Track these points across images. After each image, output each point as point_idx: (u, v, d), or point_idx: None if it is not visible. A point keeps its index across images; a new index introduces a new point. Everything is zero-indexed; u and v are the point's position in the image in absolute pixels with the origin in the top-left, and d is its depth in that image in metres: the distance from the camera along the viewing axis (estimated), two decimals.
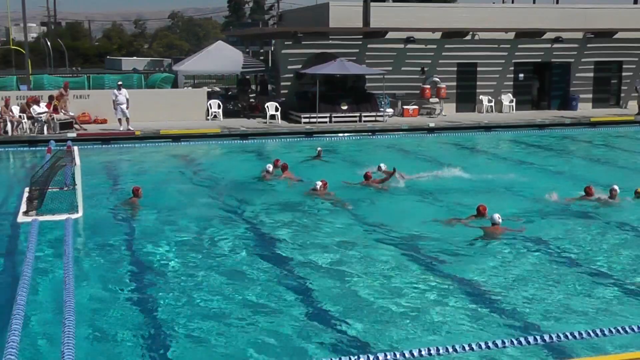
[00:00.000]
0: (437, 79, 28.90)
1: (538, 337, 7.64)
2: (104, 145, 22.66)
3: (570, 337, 7.69)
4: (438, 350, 7.15)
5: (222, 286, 9.90)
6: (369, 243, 12.02)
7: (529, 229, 12.66)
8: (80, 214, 13.08)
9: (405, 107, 28.28)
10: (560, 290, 9.79)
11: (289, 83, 28.43)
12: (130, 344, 8.16)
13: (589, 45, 31.05)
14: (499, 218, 12.17)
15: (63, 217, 12.73)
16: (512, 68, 30.53)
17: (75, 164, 14.18)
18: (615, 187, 14.46)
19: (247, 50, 35.88)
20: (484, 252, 11.59)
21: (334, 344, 8.12)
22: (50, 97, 23.99)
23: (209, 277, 10.26)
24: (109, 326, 8.53)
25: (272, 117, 26.17)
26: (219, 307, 9.18)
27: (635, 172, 18.16)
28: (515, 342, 7.47)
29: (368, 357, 6.89)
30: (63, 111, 23.75)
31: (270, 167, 17.03)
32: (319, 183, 15.15)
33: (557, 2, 36.86)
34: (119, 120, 23.79)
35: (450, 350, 7.18)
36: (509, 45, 30.15)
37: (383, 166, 16.78)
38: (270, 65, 32.20)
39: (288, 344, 8.14)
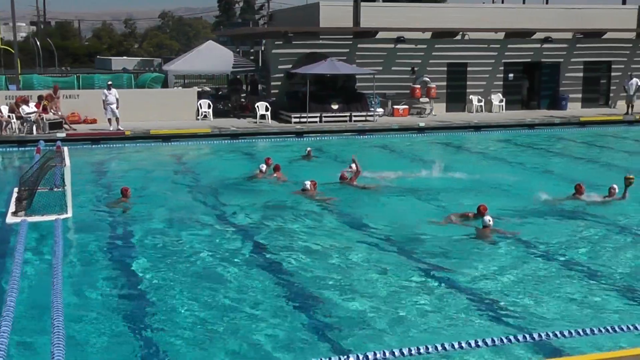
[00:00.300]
0: (427, 79, 28.96)
1: (527, 336, 7.69)
2: (93, 146, 22.56)
3: (559, 335, 7.72)
4: (427, 349, 7.17)
5: (213, 288, 9.85)
6: (358, 243, 12.00)
7: (519, 228, 12.71)
8: (69, 214, 13.03)
9: (395, 106, 28.35)
10: (554, 288, 9.83)
11: (279, 83, 28.43)
12: (120, 344, 8.15)
13: (578, 45, 31.22)
14: (489, 220, 12.21)
15: (52, 217, 12.69)
16: (502, 68, 30.64)
17: (64, 165, 14.10)
18: (615, 186, 14.56)
19: (238, 50, 35.90)
20: (474, 252, 11.56)
21: (327, 345, 8.12)
22: (40, 97, 23.87)
23: (201, 278, 10.22)
24: (97, 327, 8.49)
25: (263, 117, 26.16)
26: (211, 307, 9.15)
27: (625, 171, 18.22)
28: (505, 340, 7.49)
29: (357, 357, 6.90)
30: (52, 111, 23.64)
31: (263, 166, 17.01)
32: (308, 183, 15.15)
33: (547, 2, 37.03)
34: (109, 120, 23.70)
35: (440, 348, 7.19)
36: (498, 45, 30.26)
37: (353, 166, 16.65)
38: (260, 65, 32.18)
39: (284, 346, 8.14)
